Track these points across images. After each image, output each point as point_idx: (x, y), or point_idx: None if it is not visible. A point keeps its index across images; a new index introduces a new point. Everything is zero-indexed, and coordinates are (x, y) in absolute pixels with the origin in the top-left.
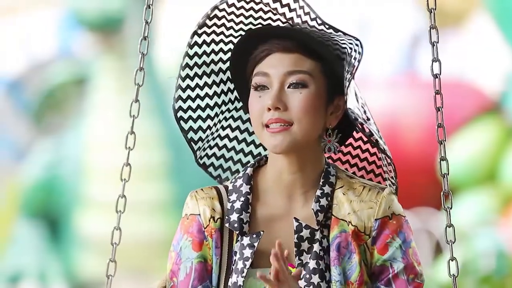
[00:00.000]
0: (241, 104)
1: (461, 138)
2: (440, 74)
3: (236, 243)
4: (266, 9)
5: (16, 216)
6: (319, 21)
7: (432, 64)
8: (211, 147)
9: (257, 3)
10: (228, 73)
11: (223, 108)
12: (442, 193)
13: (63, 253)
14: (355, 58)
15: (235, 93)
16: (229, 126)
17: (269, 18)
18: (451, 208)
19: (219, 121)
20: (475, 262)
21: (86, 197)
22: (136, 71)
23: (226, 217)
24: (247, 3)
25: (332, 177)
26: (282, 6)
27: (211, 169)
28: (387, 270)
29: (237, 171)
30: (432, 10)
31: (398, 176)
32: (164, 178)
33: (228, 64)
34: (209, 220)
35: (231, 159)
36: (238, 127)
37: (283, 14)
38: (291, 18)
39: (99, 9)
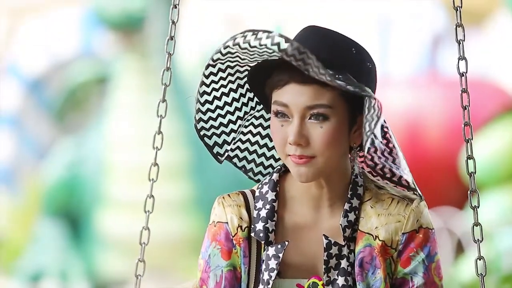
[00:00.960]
0: (261, 106)
1: (484, 137)
2: (466, 72)
3: (264, 251)
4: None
5: (38, 215)
6: (336, 84)
7: (458, 62)
8: (234, 143)
9: (270, 52)
10: (247, 85)
11: (246, 116)
12: (469, 192)
13: (85, 252)
14: (374, 109)
15: (256, 99)
16: (252, 124)
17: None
18: (478, 207)
19: (241, 126)
20: (498, 261)
21: (108, 196)
22: (163, 71)
23: (252, 226)
24: (260, 47)
25: (360, 188)
26: (297, 60)
27: (235, 160)
28: (407, 284)
29: (262, 163)
30: (458, 8)
31: (419, 175)
32: (186, 177)
33: (245, 79)
34: (237, 229)
35: (255, 152)
36: (260, 124)
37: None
38: (307, 70)
39: (121, 8)
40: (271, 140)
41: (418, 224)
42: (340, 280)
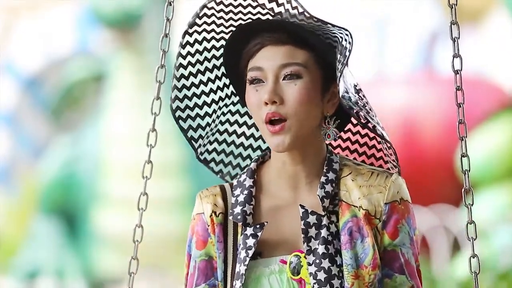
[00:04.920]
0: (237, 98)
1: (480, 134)
2: (461, 70)
3: (240, 236)
4: (254, 4)
5: (34, 212)
6: (307, 15)
7: (453, 60)
8: (211, 143)
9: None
10: (223, 69)
11: (221, 103)
12: (463, 190)
13: (81, 250)
14: (345, 48)
15: (231, 87)
16: (228, 120)
17: (258, 12)
18: (472, 205)
19: (217, 117)
20: (494, 259)
21: (104, 193)
22: (157, 69)
23: (230, 211)
24: (235, 0)
25: (335, 164)
26: (270, 1)
27: (212, 164)
28: (398, 257)
29: (238, 165)
30: (453, 6)
31: (415, 172)
32: (180, 175)
33: (222, 60)
34: (211, 216)
35: (231, 153)
36: (236, 121)
37: (271, 9)
38: (280, 13)
39: (117, 6)
40: (247, 139)
41: (399, 195)
42: (321, 249)
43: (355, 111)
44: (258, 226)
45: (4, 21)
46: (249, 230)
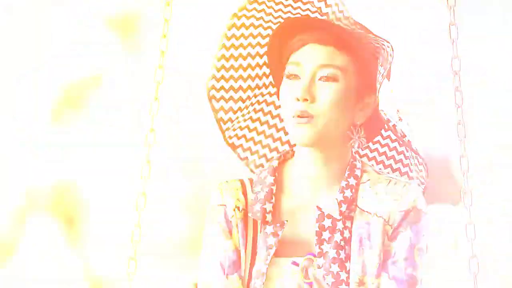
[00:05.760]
0: (275, 89)
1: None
2: (459, 71)
3: (260, 233)
4: (305, 0)
5: (33, 212)
6: (352, 21)
7: (451, 61)
8: (241, 128)
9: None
10: (265, 58)
11: (257, 91)
12: (461, 190)
13: (81, 250)
14: (386, 60)
15: (270, 78)
16: (262, 110)
17: (308, 9)
18: (471, 205)
19: (252, 104)
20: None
21: (104, 193)
22: (155, 69)
23: (250, 207)
24: None
25: (357, 170)
26: (319, 0)
27: (239, 150)
28: (389, 255)
29: (264, 155)
30: (452, 7)
31: None
32: (182, 175)
33: (265, 48)
34: (234, 210)
35: (260, 142)
36: (270, 112)
37: (320, 8)
38: (327, 13)
39: (117, 6)
40: (277, 131)
41: (414, 203)
42: (332, 253)
43: (392, 124)
44: (278, 224)
45: None
46: (269, 229)
